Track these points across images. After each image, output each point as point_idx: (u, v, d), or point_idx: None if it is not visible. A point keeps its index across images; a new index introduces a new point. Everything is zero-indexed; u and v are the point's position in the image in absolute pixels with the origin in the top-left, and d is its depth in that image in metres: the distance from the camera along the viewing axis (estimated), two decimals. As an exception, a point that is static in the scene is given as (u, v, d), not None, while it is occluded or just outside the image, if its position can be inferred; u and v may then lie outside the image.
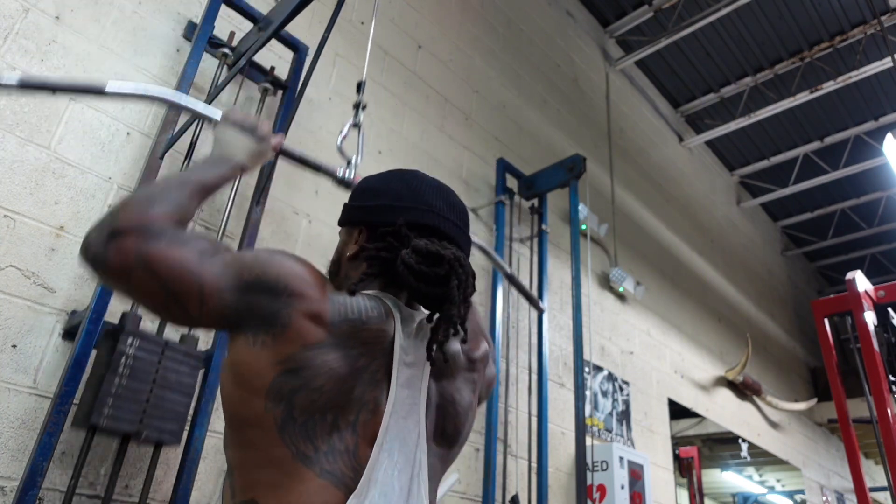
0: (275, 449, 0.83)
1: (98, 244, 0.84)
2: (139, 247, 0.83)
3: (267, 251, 0.91)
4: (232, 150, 1.12)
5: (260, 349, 0.84)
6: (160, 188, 0.96)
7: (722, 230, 6.61)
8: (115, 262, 0.83)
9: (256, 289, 0.85)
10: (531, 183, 3.63)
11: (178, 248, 0.85)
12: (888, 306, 3.07)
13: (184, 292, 0.83)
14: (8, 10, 1.89)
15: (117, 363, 1.64)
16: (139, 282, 0.83)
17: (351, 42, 2.97)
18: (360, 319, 0.88)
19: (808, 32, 5.46)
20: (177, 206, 0.92)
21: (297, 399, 0.83)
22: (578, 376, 3.07)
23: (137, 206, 0.88)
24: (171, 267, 0.83)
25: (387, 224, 0.99)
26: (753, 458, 5.89)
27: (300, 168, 1.40)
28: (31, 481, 1.51)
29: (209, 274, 0.84)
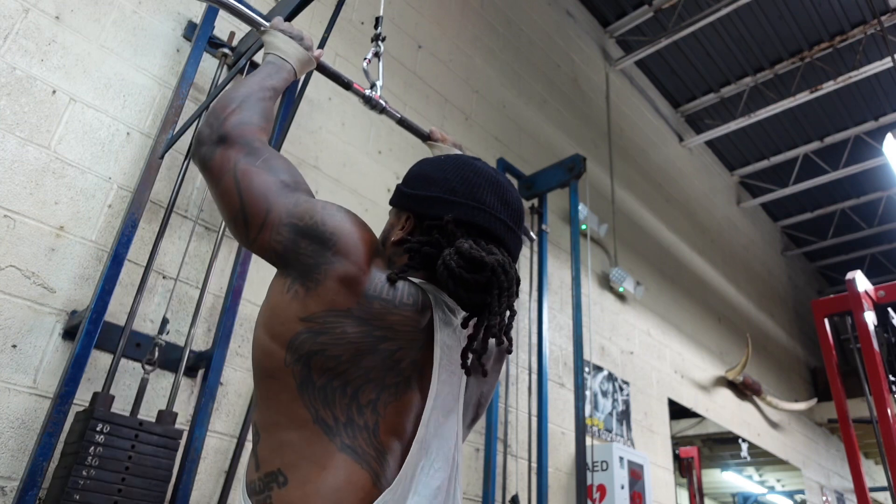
0: (296, 408, 0.83)
1: (209, 144, 0.97)
2: (239, 160, 0.94)
3: (338, 207, 0.92)
4: (286, 55, 1.19)
5: (291, 298, 0.85)
6: (254, 95, 1.05)
7: (722, 230, 6.61)
8: (217, 165, 0.94)
9: (309, 235, 0.87)
10: (531, 183, 3.63)
11: (267, 172, 0.93)
12: (888, 306, 3.07)
13: (252, 214, 0.89)
14: (8, 10, 1.88)
15: (85, 453, 1.55)
16: (227, 187, 0.92)
17: (351, 42, 2.97)
18: (392, 302, 0.87)
19: (808, 32, 5.46)
20: (268, 117, 1.05)
21: (315, 362, 0.83)
22: (578, 376, 3.07)
23: (240, 112, 1.00)
24: (253, 187, 0.91)
25: (434, 217, 0.96)
26: (753, 458, 5.89)
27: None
28: (31, 481, 1.51)
29: (280, 206, 0.89)
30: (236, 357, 2.12)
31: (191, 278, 2.08)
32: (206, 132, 0.98)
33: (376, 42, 1.72)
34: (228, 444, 2.04)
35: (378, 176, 2.90)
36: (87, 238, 1.88)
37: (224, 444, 2.03)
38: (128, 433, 1.64)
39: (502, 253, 0.93)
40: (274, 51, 1.19)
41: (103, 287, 1.71)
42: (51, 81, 1.92)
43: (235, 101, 1.02)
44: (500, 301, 0.89)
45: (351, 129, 2.82)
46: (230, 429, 2.05)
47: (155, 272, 1.98)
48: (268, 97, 1.07)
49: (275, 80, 1.12)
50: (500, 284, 0.89)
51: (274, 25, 1.23)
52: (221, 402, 2.04)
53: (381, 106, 1.59)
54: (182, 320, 2.02)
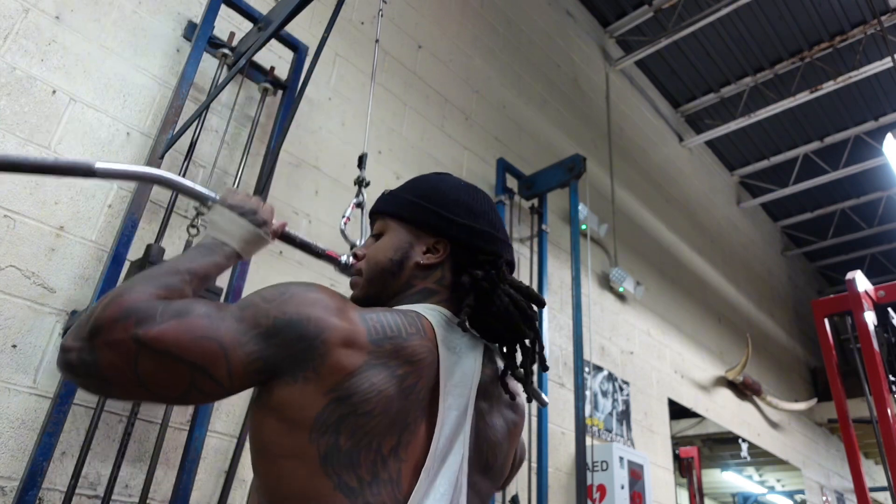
0: (316, 481, 0.77)
1: (80, 348, 0.73)
2: (133, 333, 0.72)
3: (273, 288, 0.83)
4: (226, 236, 0.98)
5: (304, 383, 0.77)
6: (142, 275, 0.83)
7: (722, 230, 6.61)
8: (109, 361, 0.72)
9: (280, 332, 0.78)
10: (531, 183, 3.63)
11: (178, 318, 0.75)
12: (888, 306, 3.07)
13: (207, 359, 0.74)
14: (8, 10, 1.89)
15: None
16: (150, 370, 0.72)
17: (351, 42, 2.97)
18: (400, 336, 0.84)
19: (808, 32, 5.46)
20: (162, 286, 0.81)
21: (345, 426, 0.78)
22: (578, 376, 3.07)
23: (115, 297, 0.76)
24: (179, 339, 0.73)
25: (489, 253, 0.98)
26: (753, 458, 5.89)
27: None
28: (31, 481, 1.51)
29: (225, 331, 0.76)
30: (236, 357, 2.12)
31: (191, 278, 2.08)
32: (70, 340, 0.74)
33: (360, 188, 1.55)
34: (228, 444, 2.04)
35: (378, 176, 2.89)
36: (87, 238, 1.88)
37: (224, 444, 2.03)
38: None
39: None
40: (213, 232, 0.99)
41: (103, 287, 1.72)
42: (51, 81, 1.92)
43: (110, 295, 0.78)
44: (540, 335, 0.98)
45: (351, 129, 2.82)
46: (230, 429, 2.05)
47: (155, 272, 1.98)
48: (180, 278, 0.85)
49: (197, 263, 0.90)
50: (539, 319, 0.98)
51: (223, 199, 1.03)
52: (221, 402, 2.04)
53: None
54: (182, 320, 2.01)
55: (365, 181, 1.59)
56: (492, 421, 0.95)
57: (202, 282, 0.89)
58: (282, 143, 2.19)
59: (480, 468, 0.92)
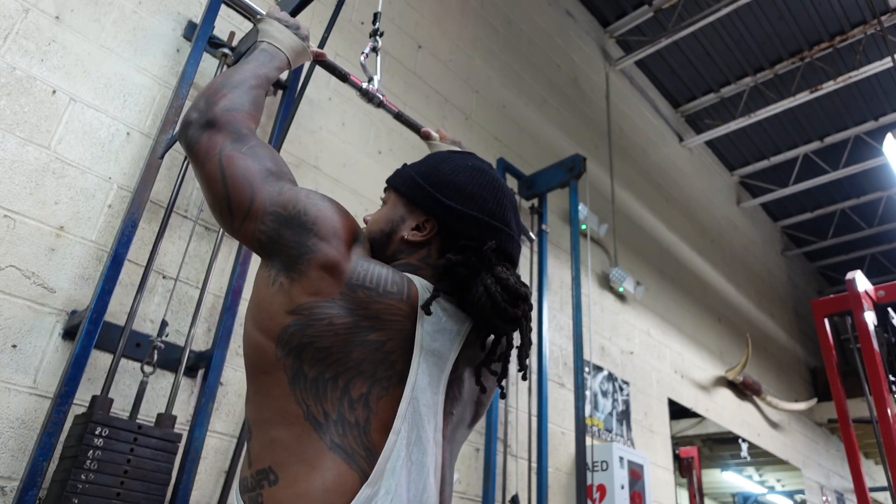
0: (287, 404, 0.82)
1: (197, 127, 0.95)
2: (225, 145, 0.93)
3: (321, 196, 0.92)
4: (280, 43, 1.16)
5: (277, 290, 0.85)
6: (244, 81, 1.03)
7: (722, 230, 6.61)
8: (203, 149, 0.93)
9: (292, 223, 0.87)
10: (531, 183, 3.64)
11: (253, 160, 0.92)
12: (888, 306, 3.07)
13: (237, 202, 0.89)
14: (8, 10, 1.88)
15: (84, 457, 1.54)
16: (211, 172, 0.91)
17: (351, 42, 2.97)
18: (376, 290, 0.86)
19: (808, 32, 5.46)
20: (258, 105, 1.03)
21: (305, 354, 0.83)
22: (578, 376, 3.07)
23: (230, 98, 0.98)
24: (237, 174, 0.90)
25: (471, 238, 0.95)
26: (753, 458, 5.89)
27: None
28: (31, 481, 1.51)
29: (264, 194, 0.89)
30: (236, 357, 2.12)
31: (191, 278, 2.08)
32: (194, 115, 0.96)
33: (374, 37, 1.72)
34: (228, 444, 2.04)
35: (378, 176, 2.90)
36: (87, 238, 1.88)
37: (224, 444, 2.03)
38: (126, 437, 1.63)
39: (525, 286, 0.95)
40: (267, 38, 1.16)
41: (103, 287, 1.71)
42: (51, 81, 1.92)
43: (226, 87, 1.00)
44: (527, 331, 0.94)
45: (351, 129, 2.82)
46: (230, 429, 2.05)
47: (155, 272, 1.98)
48: (259, 84, 1.06)
49: (267, 69, 1.10)
50: (527, 316, 0.93)
51: (270, 14, 1.21)
52: (221, 402, 2.04)
53: (378, 99, 1.58)
54: (182, 320, 2.02)
55: (380, 31, 1.74)
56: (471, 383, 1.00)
57: (269, 83, 1.10)
58: (282, 143, 2.19)
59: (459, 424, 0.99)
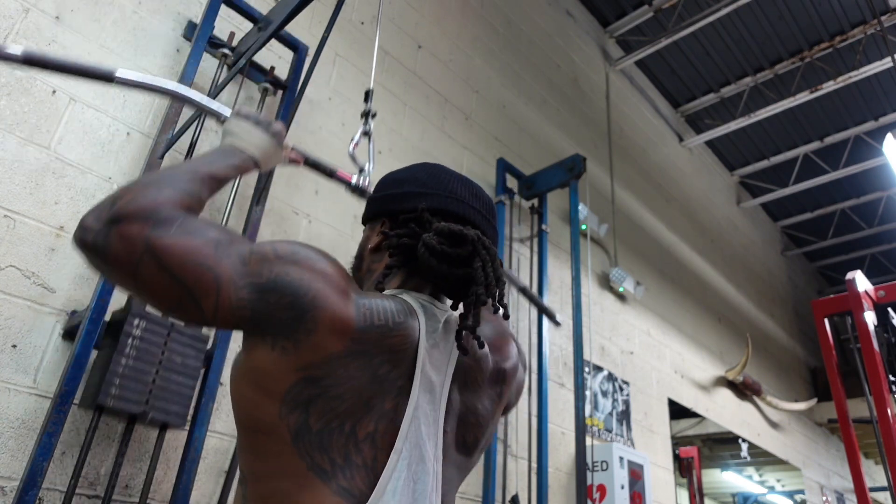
0: (289, 460, 0.78)
1: (97, 231, 0.75)
2: (147, 234, 0.74)
3: (288, 244, 0.82)
4: (243, 143, 1.01)
5: (280, 354, 0.78)
6: (166, 174, 0.85)
7: (722, 230, 6.61)
8: (118, 251, 0.74)
9: (278, 290, 0.77)
10: (531, 183, 3.63)
11: (191, 236, 0.76)
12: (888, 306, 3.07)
13: (199, 287, 0.75)
14: (8, 10, 1.89)
15: (124, 344, 1.66)
16: (148, 275, 0.74)
17: (351, 42, 2.97)
18: (387, 325, 0.83)
19: (808, 32, 5.46)
20: (185, 192, 0.82)
21: (314, 408, 0.78)
22: (578, 376, 3.07)
23: (141, 190, 0.79)
24: (183, 258, 0.74)
25: (409, 211, 0.96)
26: (753, 458, 5.89)
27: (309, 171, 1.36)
28: (31, 481, 1.51)
29: (227, 267, 0.76)
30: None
31: (191, 278, 2.08)
32: (91, 219, 0.76)
33: (366, 119, 1.58)
34: (228, 444, 2.04)
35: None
36: (87, 238, 1.88)
37: (224, 444, 2.03)
38: (161, 331, 1.74)
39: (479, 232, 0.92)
40: (231, 138, 1.02)
41: (103, 287, 1.71)
42: (51, 81, 1.92)
43: (136, 185, 0.80)
44: (485, 272, 0.87)
45: (351, 129, 2.82)
46: (230, 429, 2.05)
47: (155, 272, 1.98)
48: (200, 180, 0.86)
49: (217, 166, 0.92)
50: (482, 256, 0.87)
51: (237, 112, 1.07)
52: (221, 402, 2.04)
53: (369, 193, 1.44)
54: (182, 320, 2.01)
55: (372, 112, 1.61)
56: (473, 402, 0.94)
57: (220, 185, 0.91)
58: (282, 143, 2.18)
59: (462, 446, 0.93)
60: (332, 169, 1.32)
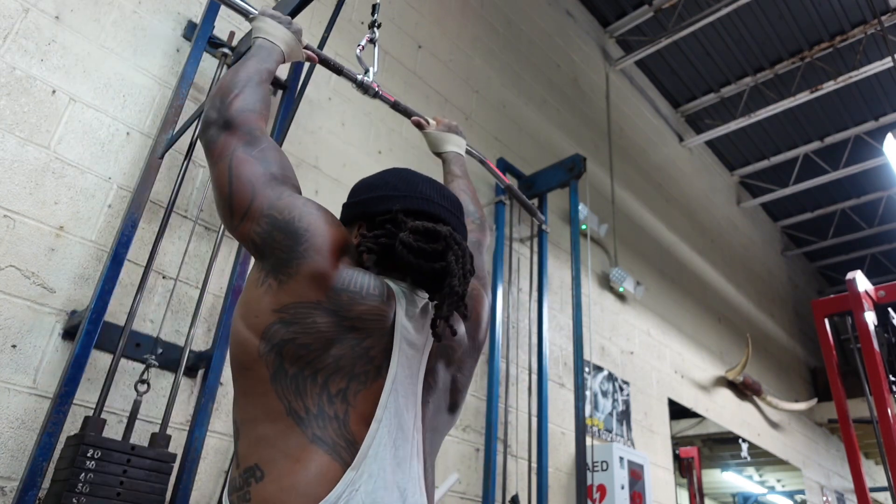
0: (270, 400, 0.87)
1: (216, 128, 1.03)
2: (237, 147, 1.00)
3: (317, 206, 0.98)
4: (274, 38, 1.23)
5: (265, 291, 0.91)
6: (251, 78, 1.10)
7: (722, 230, 6.61)
8: (219, 149, 1.01)
9: (285, 229, 0.92)
10: (531, 183, 3.63)
11: (260, 164, 0.99)
12: (888, 306, 3.07)
13: (238, 202, 0.95)
14: (8, 10, 1.88)
15: (76, 480, 1.51)
16: (221, 172, 0.98)
17: (351, 42, 2.97)
18: (359, 293, 0.92)
19: (808, 32, 5.46)
20: (266, 101, 1.10)
21: (286, 350, 0.87)
22: (578, 376, 3.07)
23: (243, 98, 1.06)
24: (243, 176, 0.97)
25: (384, 213, 1.03)
26: (753, 458, 5.89)
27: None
28: (31, 481, 1.51)
29: (263, 197, 0.95)
30: (236, 357, 2.12)
31: (191, 278, 2.08)
32: (213, 116, 1.04)
33: (372, 28, 1.72)
34: (228, 444, 2.04)
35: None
36: (87, 238, 1.88)
37: (224, 444, 2.03)
38: (119, 458, 1.60)
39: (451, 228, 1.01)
40: (262, 34, 1.23)
41: (103, 287, 1.71)
42: (51, 81, 1.92)
43: (237, 86, 1.08)
44: (458, 264, 0.95)
45: (351, 129, 2.82)
46: (230, 429, 2.05)
47: (155, 272, 1.98)
48: (264, 80, 1.13)
49: (268, 64, 1.17)
50: (454, 251, 0.96)
51: (263, 11, 1.28)
52: (221, 402, 2.04)
53: (373, 90, 1.58)
54: (182, 320, 2.02)
55: (377, 22, 1.73)
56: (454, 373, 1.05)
57: (272, 77, 1.17)
58: (282, 143, 2.19)
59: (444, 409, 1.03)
60: (341, 67, 1.52)
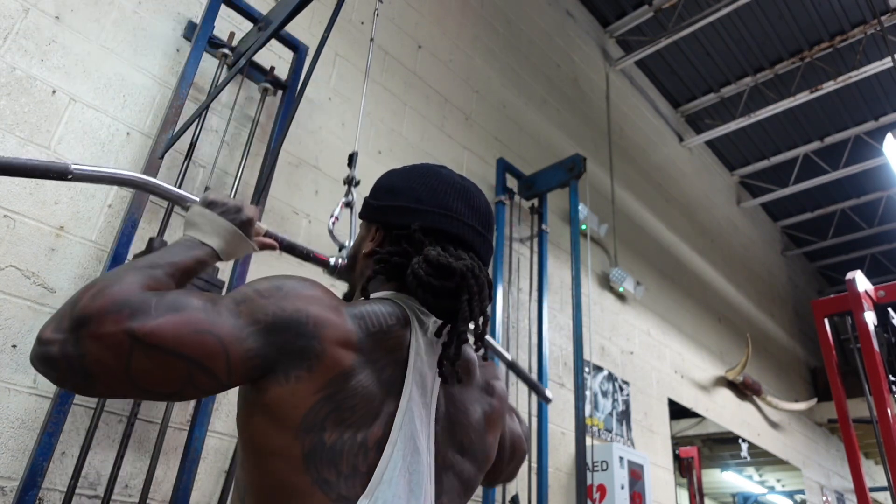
0: (295, 476, 0.77)
1: (62, 340, 0.66)
2: (126, 326, 0.67)
3: (267, 282, 0.82)
4: (204, 235, 0.93)
5: (295, 383, 0.77)
6: (122, 269, 0.78)
7: (722, 230, 6.61)
8: (97, 355, 0.66)
9: (279, 328, 0.77)
10: (531, 183, 3.63)
11: (174, 312, 0.71)
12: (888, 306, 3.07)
13: (205, 355, 0.71)
14: (8, 10, 1.88)
15: None
16: (143, 366, 0.68)
17: (351, 42, 2.97)
18: (381, 330, 0.85)
19: (808, 32, 5.46)
20: (149, 277, 0.76)
21: (329, 423, 0.78)
22: (578, 376, 3.07)
23: (101, 287, 0.71)
24: (177, 333, 0.70)
25: (402, 227, 0.95)
26: (753, 458, 5.89)
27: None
28: (31, 481, 1.51)
29: (223, 325, 0.74)
30: (236, 357, 2.12)
31: (191, 278, 2.08)
32: (48, 330, 0.68)
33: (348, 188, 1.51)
34: (228, 444, 2.04)
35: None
36: (87, 238, 1.88)
37: (224, 444, 2.03)
38: None
39: (472, 258, 0.92)
40: (189, 229, 0.94)
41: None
42: (51, 81, 1.92)
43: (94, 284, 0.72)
44: (471, 307, 0.87)
45: (351, 129, 2.82)
46: (230, 429, 2.05)
47: (155, 272, 1.98)
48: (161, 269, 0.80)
49: (179, 258, 0.85)
50: (469, 290, 0.87)
51: (203, 198, 0.98)
52: (221, 402, 2.04)
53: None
54: (182, 320, 2.01)
55: (355, 180, 1.57)
56: (464, 405, 0.95)
57: (185, 276, 0.85)
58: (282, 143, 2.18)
59: (456, 448, 0.93)
60: (308, 251, 1.22)
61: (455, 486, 0.93)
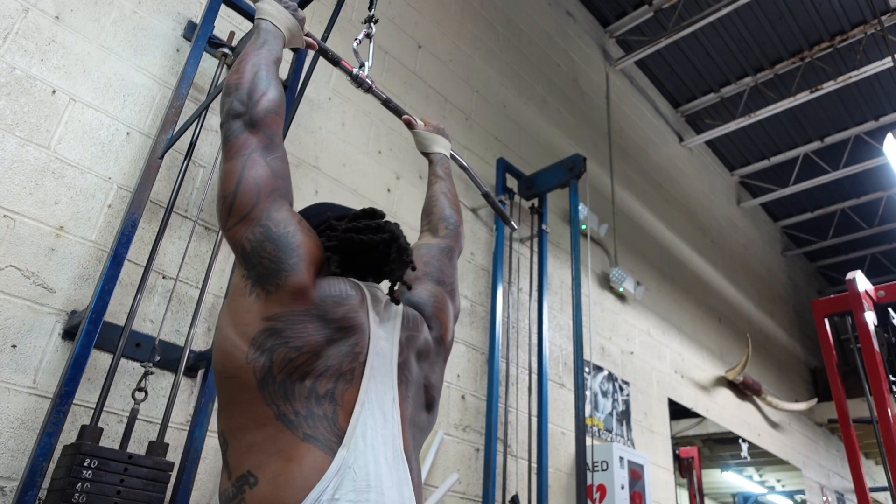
0: (258, 406, 0.89)
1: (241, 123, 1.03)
2: (255, 149, 1.02)
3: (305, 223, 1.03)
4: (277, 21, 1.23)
5: (253, 300, 0.93)
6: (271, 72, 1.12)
7: (722, 230, 6.61)
8: (238, 145, 1.02)
9: (277, 242, 0.95)
10: (531, 183, 3.63)
11: (270, 172, 1.01)
12: (888, 306, 3.07)
13: (241, 202, 0.97)
14: (8, 10, 1.88)
15: (72, 489, 1.49)
16: (233, 167, 0.99)
17: (350, 41, 2.96)
18: (341, 296, 0.99)
19: (808, 32, 5.46)
20: (282, 96, 1.11)
21: (277, 355, 0.90)
22: (578, 376, 3.07)
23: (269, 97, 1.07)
24: (252, 179, 0.99)
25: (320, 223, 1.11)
26: (753, 458, 5.89)
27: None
28: (31, 481, 1.51)
29: (264, 207, 0.97)
30: (236, 357, 2.12)
31: (191, 278, 2.08)
32: (239, 109, 1.04)
33: (369, 24, 1.74)
34: (228, 444, 2.03)
35: (378, 176, 2.90)
36: (87, 238, 1.88)
37: (224, 444, 2.02)
38: (116, 467, 1.58)
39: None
40: (267, 17, 1.23)
41: (103, 287, 1.71)
42: (51, 81, 1.92)
43: (263, 82, 1.09)
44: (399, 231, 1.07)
45: (351, 129, 2.82)
46: (230, 429, 2.05)
47: (155, 272, 1.98)
48: (277, 71, 1.16)
49: (277, 52, 1.19)
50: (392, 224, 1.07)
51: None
52: (221, 402, 2.04)
53: (367, 85, 1.58)
54: (182, 320, 2.02)
55: (374, 18, 1.77)
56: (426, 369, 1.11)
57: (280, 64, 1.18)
58: (282, 143, 2.18)
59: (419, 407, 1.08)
60: (338, 58, 1.53)
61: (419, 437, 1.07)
